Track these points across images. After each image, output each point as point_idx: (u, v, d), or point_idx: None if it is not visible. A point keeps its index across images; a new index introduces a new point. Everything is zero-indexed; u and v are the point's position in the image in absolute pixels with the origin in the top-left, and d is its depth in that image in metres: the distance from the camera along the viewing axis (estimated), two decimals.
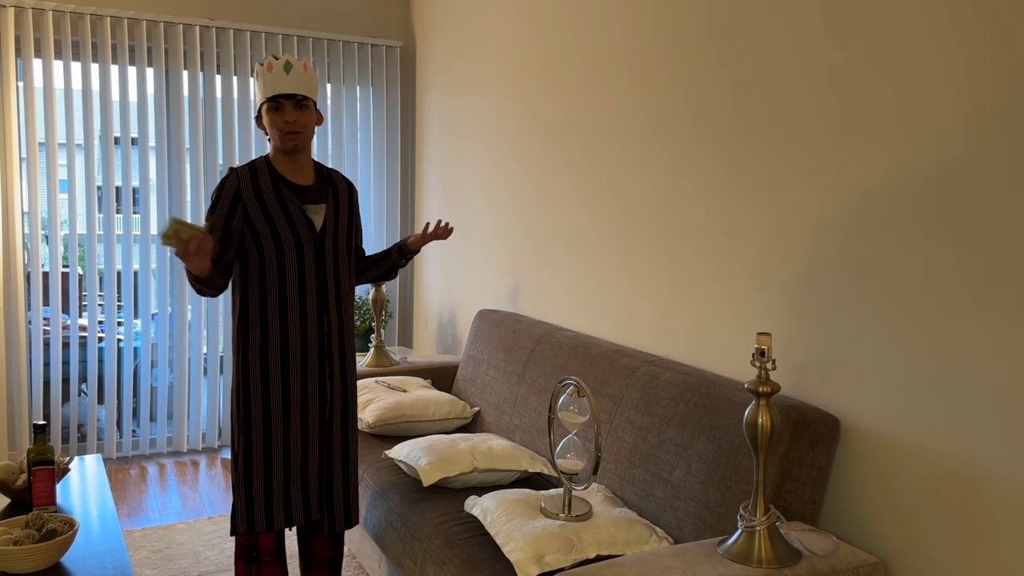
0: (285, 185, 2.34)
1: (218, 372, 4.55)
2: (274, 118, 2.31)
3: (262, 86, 2.30)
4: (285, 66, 2.28)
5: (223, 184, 2.31)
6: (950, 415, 1.83)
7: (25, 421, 4.08)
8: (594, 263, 3.13)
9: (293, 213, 2.33)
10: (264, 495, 2.33)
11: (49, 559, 2.00)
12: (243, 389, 2.34)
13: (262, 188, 2.31)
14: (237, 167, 2.34)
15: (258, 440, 2.33)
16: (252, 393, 2.33)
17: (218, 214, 2.30)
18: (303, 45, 4.58)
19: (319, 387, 2.39)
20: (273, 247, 2.31)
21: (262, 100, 2.32)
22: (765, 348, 1.80)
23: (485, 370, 3.36)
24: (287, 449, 2.35)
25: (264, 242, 2.30)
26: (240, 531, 2.35)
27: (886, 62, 1.95)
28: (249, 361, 2.33)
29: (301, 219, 2.34)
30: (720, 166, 2.48)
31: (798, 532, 1.91)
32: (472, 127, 4.10)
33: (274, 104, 2.29)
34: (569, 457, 2.26)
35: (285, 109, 2.29)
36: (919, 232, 1.88)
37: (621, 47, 2.93)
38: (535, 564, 1.98)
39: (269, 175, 2.34)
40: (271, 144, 2.37)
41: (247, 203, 2.29)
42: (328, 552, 2.54)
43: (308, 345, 2.36)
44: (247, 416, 2.33)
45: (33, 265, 4.14)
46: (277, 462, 2.34)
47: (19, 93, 4.00)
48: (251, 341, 2.33)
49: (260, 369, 2.33)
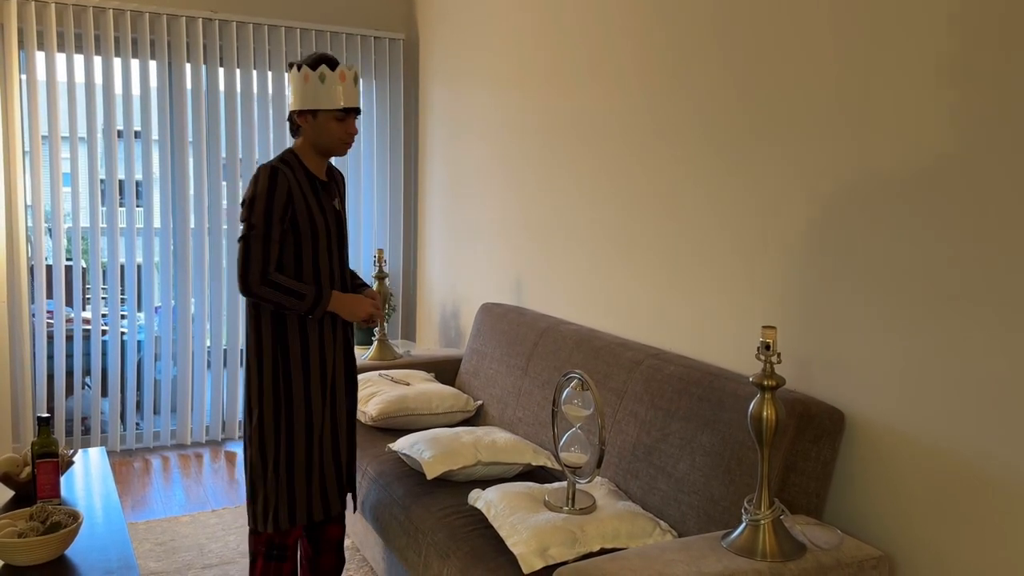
0: (318, 182, 2.41)
1: (222, 365, 4.56)
2: (338, 127, 2.36)
3: (331, 94, 2.32)
4: (355, 78, 2.36)
5: (275, 183, 2.28)
6: (955, 409, 1.82)
7: (29, 414, 4.08)
8: (598, 256, 3.12)
9: (327, 209, 2.41)
10: (306, 489, 2.37)
11: (53, 551, 2.01)
12: (284, 385, 2.34)
13: (303, 186, 2.35)
14: (277, 165, 2.32)
15: (300, 434, 2.36)
16: (294, 389, 2.35)
17: (276, 214, 2.29)
18: (306, 38, 4.57)
19: (346, 379, 2.49)
20: (311, 243, 2.35)
21: (331, 108, 2.33)
22: (770, 342, 1.80)
23: (488, 363, 3.36)
24: (322, 440, 2.40)
25: (304, 239, 2.34)
26: (282, 527, 2.35)
27: (885, 57, 1.94)
28: (290, 356, 2.34)
29: (332, 214, 2.43)
30: (723, 160, 2.47)
31: (802, 526, 1.91)
32: (475, 120, 4.09)
33: (341, 115, 2.35)
34: (573, 450, 2.25)
35: (349, 121, 2.37)
36: (921, 226, 1.88)
37: (624, 40, 2.92)
38: (539, 557, 1.98)
39: (304, 172, 2.38)
40: (302, 140, 2.40)
41: (296, 201, 2.32)
42: (340, 534, 2.61)
43: (336, 338, 2.44)
44: (289, 412, 2.35)
45: (36, 258, 4.14)
46: (317, 454, 2.39)
47: (22, 86, 3.99)
48: (289, 336, 2.34)
49: (301, 364, 2.35)
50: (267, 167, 2.30)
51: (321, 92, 2.31)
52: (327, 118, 2.34)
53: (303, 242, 2.34)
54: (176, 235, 4.40)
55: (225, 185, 4.49)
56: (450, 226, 4.44)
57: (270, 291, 2.27)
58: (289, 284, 2.29)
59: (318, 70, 2.31)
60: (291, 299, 2.28)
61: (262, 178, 2.29)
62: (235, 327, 4.56)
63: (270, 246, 2.28)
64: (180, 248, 4.40)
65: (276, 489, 2.35)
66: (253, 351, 2.36)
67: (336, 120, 2.35)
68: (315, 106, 2.32)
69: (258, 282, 2.26)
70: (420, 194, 4.86)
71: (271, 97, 4.54)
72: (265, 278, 2.27)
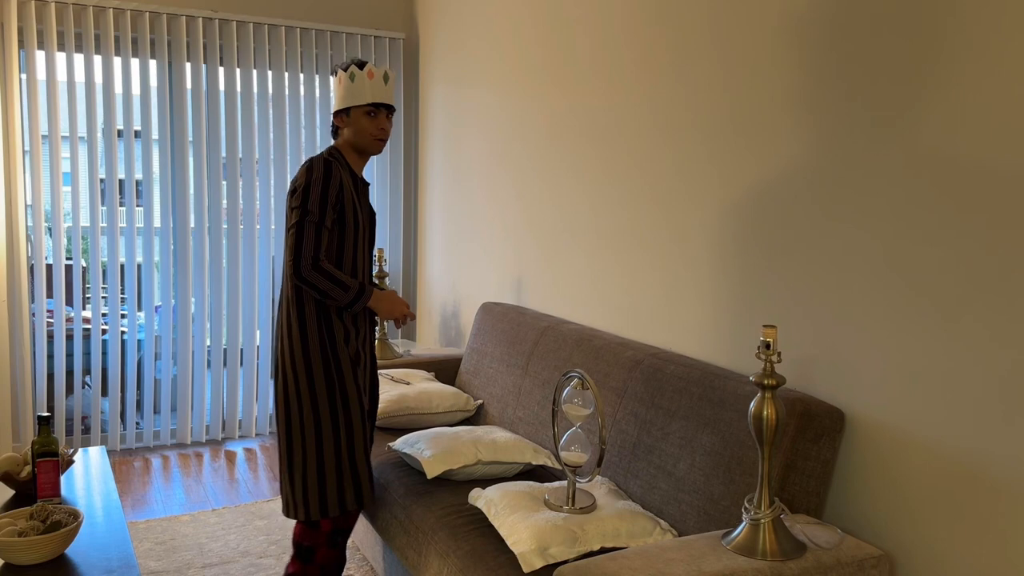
0: (359, 181, 2.50)
1: (222, 364, 4.56)
2: (369, 123, 2.44)
3: (360, 91, 2.42)
4: (384, 77, 2.44)
5: (330, 173, 2.35)
6: (955, 408, 1.82)
7: (29, 413, 4.08)
8: (598, 256, 3.12)
9: (364, 207, 2.50)
10: (367, 470, 2.44)
11: (53, 550, 2.01)
12: (336, 374, 2.39)
13: (349, 182, 2.43)
14: (329, 158, 2.39)
15: (357, 418, 2.41)
16: (345, 375, 2.39)
17: (330, 203, 2.34)
18: (306, 37, 4.57)
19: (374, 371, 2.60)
20: (352, 238, 2.41)
21: (360, 104, 2.42)
22: (770, 341, 1.80)
23: (489, 363, 3.36)
24: (364, 426, 2.46)
25: (347, 232, 2.40)
26: (349, 508, 2.40)
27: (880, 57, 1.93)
28: (337, 346, 2.39)
29: (367, 213, 2.53)
30: (723, 160, 2.47)
31: (803, 525, 1.91)
32: (476, 119, 4.09)
33: (372, 110, 2.43)
34: (573, 450, 2.25)
35: (380, 117, 2.45)
36: (922, 224, 1.88)
37: (625, 39, 2.92)
38: (539, 556, 1.98)
39: (348, 169, 2.46)
40: (341, 140, 2.49)
41: (345, 196, 2.38)
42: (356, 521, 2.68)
43: (368, 326, 2.54)
44: (344, 397, 2.39)
45: (37, 257, 4.14)
46: (369, 436, 2.49)
47: (22, 85, 3.99)
48: (335, 327, 2.40)
49: (347, 350, 2.41)
50: (321, 158, 2.37)
51: (352, 90, 2.43)
52: (359, 115, 2.43)
53: (346, 235, 2.40)
54: (176, 234, 4.40)
55: (225, 184, 4.49)
56: (450, 225, 4.44)
57: (321, 278, 2.31)
58: (337, 274, 2.34)
59: (349, 70, 2.43)
60: (337, 289, 2.33)
61: (317, 167, 2.34)
62: (235, 326, 4.56)
63: (322, 233, 2.33)
64: (180, 247, 4.40)
65: (340, 472, 2.39)
66: (298, 340, 2.37)
67: (367, 116, 2.43)
68: (348, 103, 2.43)
69: (310, 268, 2.30)
70: (420, 193, 4.86)
71: (271, 96, 4.54)
72: (317, 264, 2.31)
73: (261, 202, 4.58)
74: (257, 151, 4.53)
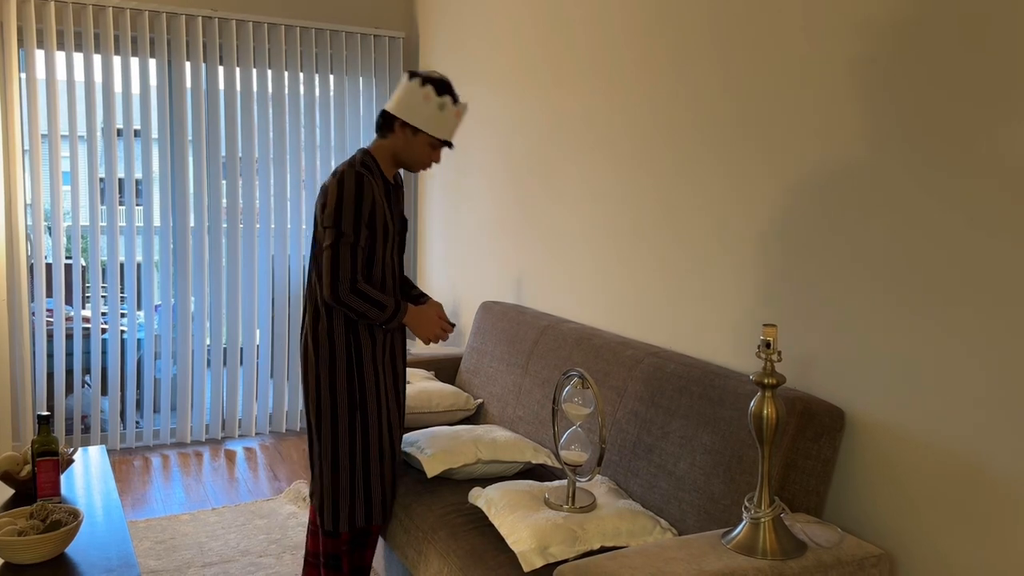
0: (390, 186, 2.46)
1: (222, 364, 4.56)
2: (428, 153, 2.42)
3: (443, 124, 2.37)
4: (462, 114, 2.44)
5: (362, 189, 2.28)
6: (955, 407, 1.82)
7: (29, 412, 4.08)
8: (598, 254, 3.12)
9: (395, 213, 2.48)
10: (383, 490, 2.41)
11: (53, 549, 2.01)
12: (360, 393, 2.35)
13: (380, 192, 2.37)
14: (362, 170, 2.31)
15: (375, 437, 2.37)
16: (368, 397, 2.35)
17: (363, 220, 2.29)
18: (306, 36, 4.56)
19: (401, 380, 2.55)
20: (382, 248, 2.38)
21: (436, 135, 2.38)
22: (771, 340, 1.80)
23: (488, 362, 3.35)
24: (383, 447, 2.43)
25: (377, 243, 2.35)
26: (359, 526, 2.38)
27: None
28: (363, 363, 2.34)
29: (398, 219, 2.50)
30: (722, 159, 2.47)
31: (803, 524, 1.91)
32: (475, 118, 4.09)
33: (438, 144, 2.41)
34: (573, 449, 2.25)
35: (439, 150, 2.45)
36: (921, 223, 1.87)
37: (626, 37, 2.92)
38: (539, 555, 1.98)
39: (380, 176, 2.41)
40: (386, 143, 2.41)
41: (377, 211, 2.33)
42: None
43: (400, 336, 2.51)
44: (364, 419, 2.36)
45: (36, 257, 4.14)
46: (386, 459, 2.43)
47: (22, 84, 3.99)
48: (363, 340, 2.35)
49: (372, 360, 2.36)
50: (353, 172, 2.29)
51: (436, 117, 2.36)
52: (425, 140, 2.39)
53: (375, 246, 2.35)
54: (176, 233, 4.40)
55: (225, 183, 4.49)
56: (450, 224, 4.44)
57: (358, 300, 2.28)
58: (374, 294, 2.30)
59: (443, 97, 2.35)
60: (374, 309, 2.30)
61: (349, 183, 2.27)
62: (235, 325, 4.56)
63: (357, 253, 2.28)
64: (180, 246, 4.40)
65: (353, 489, 2.37)
66: (326, 355, 2.33)
67: (431, 146, 2.41)
68: (422, 126, 2.36)
69: (348, 291, 2.27)
70: (420, 192, 4.86)
71: (271, 95, 4.54)
72: (354, 287, 2.27)
73: (261, 201, 4.57)
74: (257, 150, 4.53)
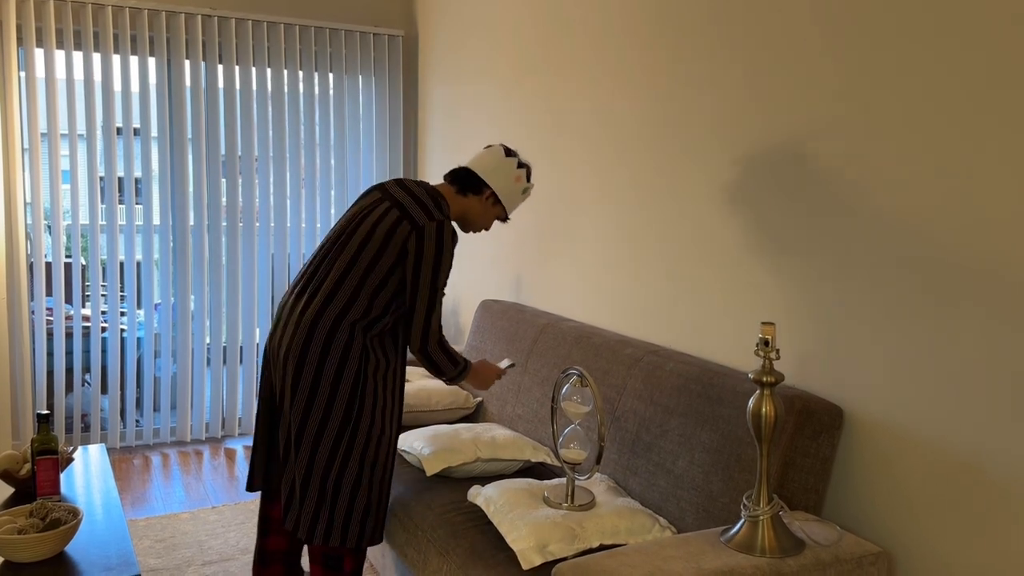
0: None
1: (221, 362, 4.56)
2: (490, 222, 2.54)
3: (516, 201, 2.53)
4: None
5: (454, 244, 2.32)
6: (954, 405, 1.82)
7: (29, 411, 4.09)
8: (597, 253, 3.12)
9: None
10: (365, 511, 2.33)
11: (53, 548, 2.01)
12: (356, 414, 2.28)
13: None
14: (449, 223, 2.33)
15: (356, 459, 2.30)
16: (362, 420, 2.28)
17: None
18: (305, 34, 4.56)
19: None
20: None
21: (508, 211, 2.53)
22: (769, 338, 1.80)
23: (488, 360, 3.36)
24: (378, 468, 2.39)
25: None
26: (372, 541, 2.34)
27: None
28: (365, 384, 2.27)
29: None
30: (723, 156, 2.47)
31: (801, 522, 1.91)
32: (475, 117, 4.09)
33: (503, 218, 2.55)
34: (572, 447, 2.26)
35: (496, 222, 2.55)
36: (919, 222, 1.88)
37: (626, 33, 2.91)
38: (538, 553, 1.98)
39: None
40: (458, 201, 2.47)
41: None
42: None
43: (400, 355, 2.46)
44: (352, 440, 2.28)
45: (36, 255, 4.14)
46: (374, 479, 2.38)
47: (21, 83, 3.99)
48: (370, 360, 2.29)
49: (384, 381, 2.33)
50: (450, 225, 2.31)
51: (515, 196, 2.52)
52: (497, 212, 2.51)
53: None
54: (175, 232, 4.40)
55: (225, 182, 4.49)
56: None
57: (442, 356, 2.34)
58: (453, 352, 2.37)
59: (529, 183, 2.53)
60: (451, 366, 2.35)
61: (448, 240, 2.29)
62: (234, 324, 4.56)
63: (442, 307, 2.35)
64: (180, 245, 4.40)
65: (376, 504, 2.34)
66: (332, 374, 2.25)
67: (497, 217, 2.53)
68: (504, 201, 2.49)
69: (436, 346, 2.31)
70: None
71: (270, 94, 4.53)
72: (442, 343, 2.33)
73: (260, 200, 4.57)
74: (256, 148, 4.53)
